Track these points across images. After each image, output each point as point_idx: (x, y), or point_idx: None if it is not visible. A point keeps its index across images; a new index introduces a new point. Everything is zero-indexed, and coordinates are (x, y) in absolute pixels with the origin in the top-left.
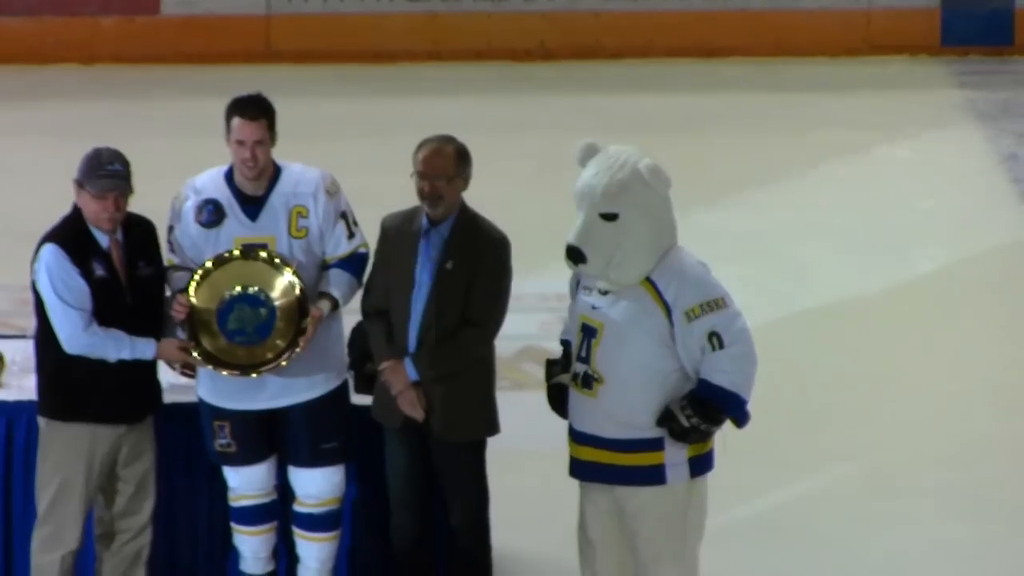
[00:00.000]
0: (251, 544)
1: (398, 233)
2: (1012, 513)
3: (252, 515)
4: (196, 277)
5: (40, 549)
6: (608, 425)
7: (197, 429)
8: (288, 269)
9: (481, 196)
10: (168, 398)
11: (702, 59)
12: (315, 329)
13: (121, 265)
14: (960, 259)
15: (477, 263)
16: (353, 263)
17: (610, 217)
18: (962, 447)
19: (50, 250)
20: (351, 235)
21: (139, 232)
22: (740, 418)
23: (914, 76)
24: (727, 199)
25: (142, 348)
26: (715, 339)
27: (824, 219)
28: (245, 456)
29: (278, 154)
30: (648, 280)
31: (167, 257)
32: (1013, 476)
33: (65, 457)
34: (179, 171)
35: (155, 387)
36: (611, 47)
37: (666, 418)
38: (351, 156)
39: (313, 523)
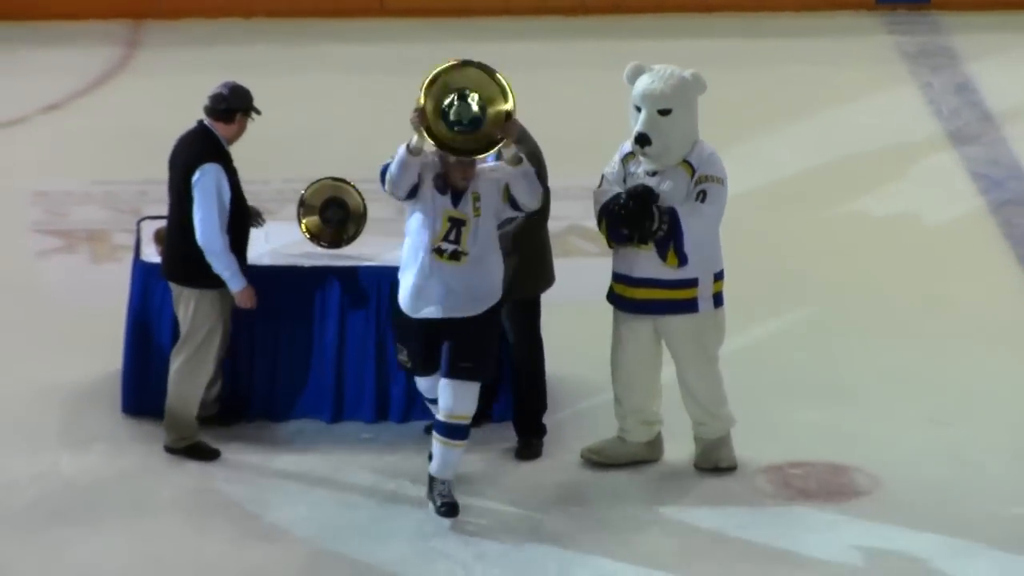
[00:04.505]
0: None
1: None
2: (931, 344)
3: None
4: (426, 81)
5: (197, 373)
6: (662, 268)
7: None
8: (507, 103)
9: (542, 114)
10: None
11: (702, 13)
12: (509, 147)
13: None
14: (882, 148)
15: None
16: None
17: (665, 112)
18: (889, 287)
19: (216, 169)
20: None
21: None
22: (669, 233)
23: (857, 25)
24: (723, 116)
25: (238, 280)
26: (701, 196)
27: (794, 130)
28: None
29: (401, 83)
30: (686, 161)
31: None
32: (928, 305)
33: (212, 312)
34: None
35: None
36: (634, 5)
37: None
38: None
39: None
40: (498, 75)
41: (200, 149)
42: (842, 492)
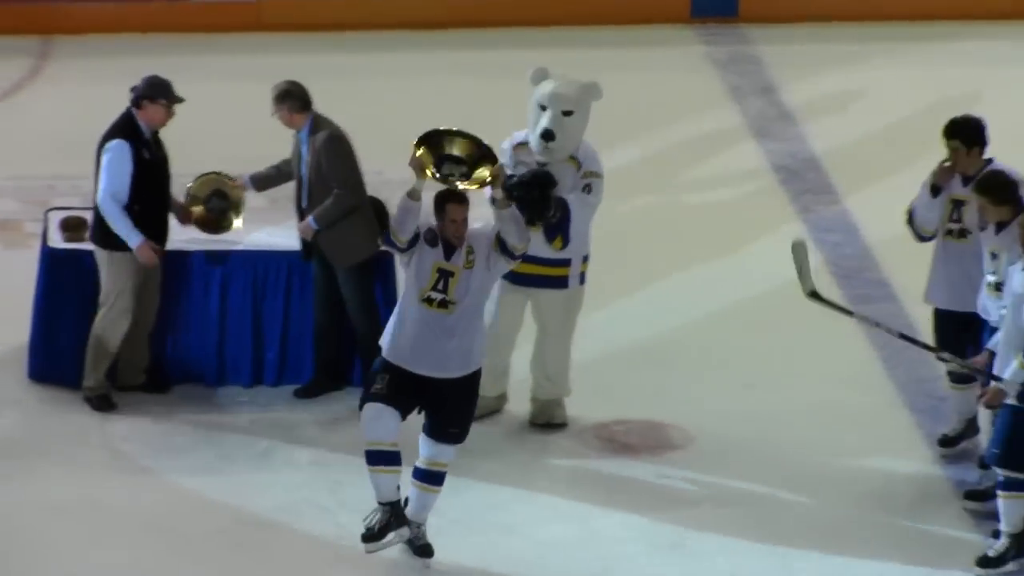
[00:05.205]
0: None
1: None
2: (739, 316)
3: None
4: (415, 143)
5: (115, 325)
6: (543, 248)
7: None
8: (488, 171)
9: (410, 118)
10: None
11: (535, 27)
12: (497, 187)
13: (158, 149)
14: (695, 144)
15: (320, 152)
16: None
17: (568, 113)
18: (703, 265)
19: (121, 144)
20: None
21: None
22: (560, 220)
23: (674, 37)
24: None
25: (134, 236)
26: (587, 188)
27: (616, 130)
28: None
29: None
30: (573, 157)
31: None
32: (738, 280)
33: (123, 272)
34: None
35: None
36: (466, 20)
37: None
38: (320, 95)
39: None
40: (476, 137)
41: (114, 128)
42: (659, 446)
